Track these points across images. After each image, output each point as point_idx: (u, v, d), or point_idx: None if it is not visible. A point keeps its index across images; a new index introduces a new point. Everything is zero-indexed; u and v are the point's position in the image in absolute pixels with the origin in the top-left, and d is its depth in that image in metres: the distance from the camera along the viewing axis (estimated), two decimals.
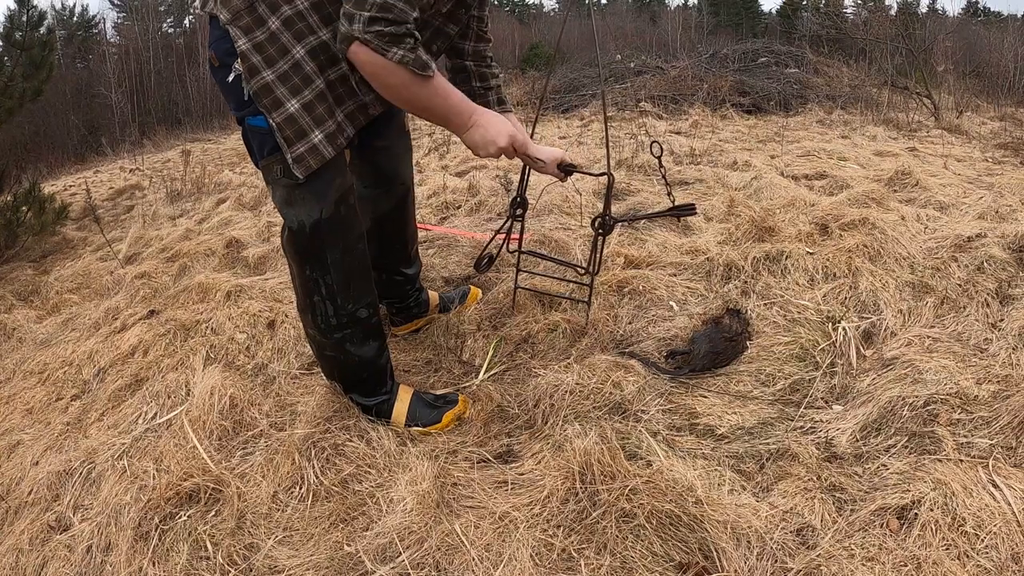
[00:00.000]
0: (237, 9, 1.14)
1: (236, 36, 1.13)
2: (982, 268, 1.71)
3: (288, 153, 1.16)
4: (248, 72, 1.14)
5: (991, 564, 0.94)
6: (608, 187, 1.53)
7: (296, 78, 1.16)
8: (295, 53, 1.16)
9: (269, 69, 1.14)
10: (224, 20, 1.14)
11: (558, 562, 1.02)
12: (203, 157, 7.55)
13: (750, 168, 3.33)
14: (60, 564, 1.20)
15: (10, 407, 1.86)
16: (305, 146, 1.17)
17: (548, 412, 1.37)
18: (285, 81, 1.15)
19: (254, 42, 1.14)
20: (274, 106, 1.15)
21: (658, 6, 30.51)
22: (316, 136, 1.17)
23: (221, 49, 1.18)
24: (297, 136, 1.16)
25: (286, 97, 1.15)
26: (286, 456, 1.28)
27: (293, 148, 1.16)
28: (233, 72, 1.16)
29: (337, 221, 1.25)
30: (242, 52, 1.13)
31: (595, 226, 1.58)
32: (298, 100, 1.15)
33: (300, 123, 1.16)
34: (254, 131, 1.21)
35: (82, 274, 3.07)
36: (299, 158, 1.17)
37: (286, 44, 1.15)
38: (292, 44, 1.15)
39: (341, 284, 1.29)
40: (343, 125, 1.22)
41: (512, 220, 1.71)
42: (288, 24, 1.15)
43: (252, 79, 1.14)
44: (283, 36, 1.15)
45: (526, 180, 1.68)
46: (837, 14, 11.55)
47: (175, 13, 24.12)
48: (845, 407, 1.33)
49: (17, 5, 3.91)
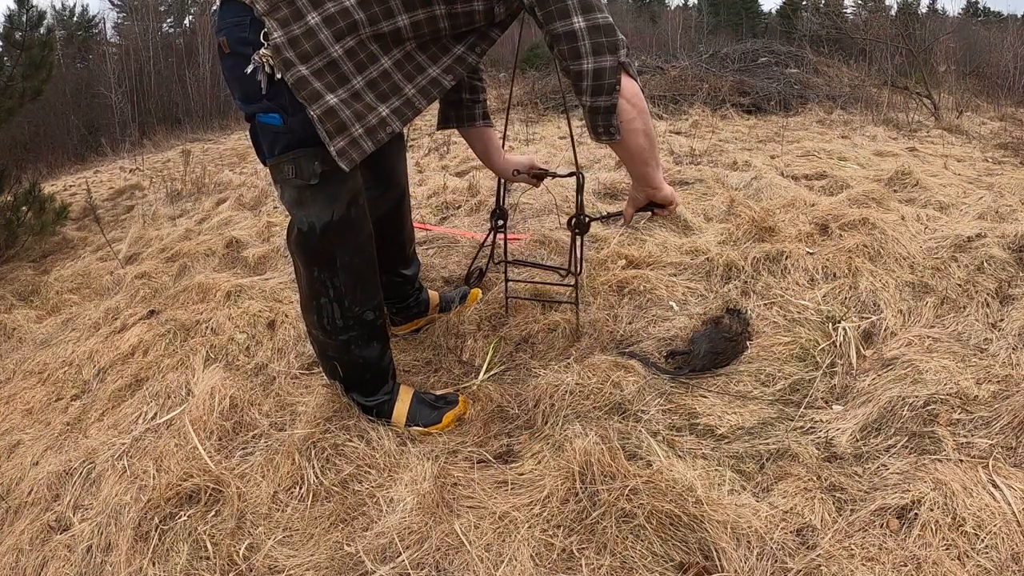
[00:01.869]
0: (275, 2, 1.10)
1: (272, 28, 1.09)
2: (982, 268, 1.71)
3: (331, 146, 1.13)
4: (283, 64, 1.10)
5: (991, 564, 0.94)
6: (578, 187, 1.53)
7: (331, 76, 1.13)
8: (332, 52, 1.13)
9: (304, 64, 1.11)
10: (260, 10, 1.09)
11: (558, 562, 1.02)
12: (203, 157, 7.55)
13: (750, 168, 3.33)
14: (60, 564, 1.20)
15: (10, 407, 1.86)
16: (346, 140, 1.14)
17: (548, 412, 1.37)
18: (320, 77, 1.12)
19: (290, 36, 1.10)
20: (313, 98, 1.11)
21: (658, 6, 30.50)
22: (357, 130, 1.15)
23: (235, 36, 1.13)
24: (338, 129, 1.13)
25: (324, 91, 1.12)
26: (286, 456, 1.28)
27: (335, 141, 1.13)
28: (252, 64, 1.12)
29: (348, 223, 1.24)
30: (275, 45, 1.09)
31: (571, 226, 1.58)
32: (334, 95, 1.13)
33: (340, 116, 1.13)
34: (265, 128, 1.18)
35: (82, 274, 3.08)
36: (342, 151, 1.14)
37: (323, 42, 1.12)
38: (330, 43, 1.12)
39: (349, 286, 1.28)
40: (387, 120, 1.18)
41: (495, 231, 1.72)
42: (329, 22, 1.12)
43: (288, 71, 1.10)
44: (320, 33, 1.11)
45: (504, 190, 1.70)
46: (837, 14, 11.55)
47: (175, 13, 24.12)
48: (845, 407, 1.33)
49: (17, 5, 3.91)
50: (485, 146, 1.59)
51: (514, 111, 7.54)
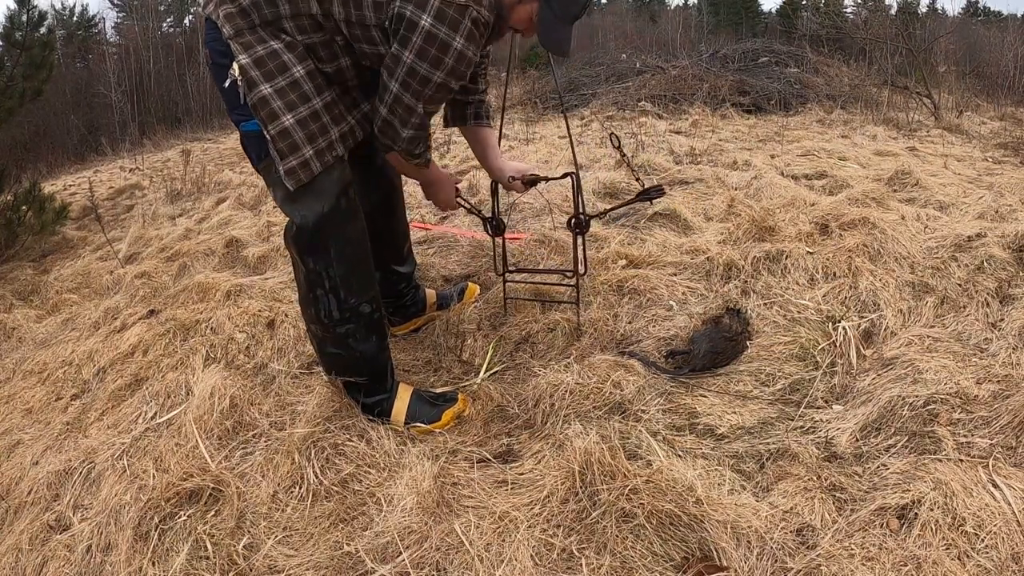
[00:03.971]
0: (240, 28, 1.18)
1: (237, 51, 1.18)
2: (982, 268, 1.71)
3: (280, 165, 1.21)
4: (247, 85, 1.18)
5: (991, 564, 0.94)
6: (574, 187, 1.54)
7: (293, 95, 1.20)
8: (295, 72, 1.21)
9: (267, 83, 1.18)
10: (227, 34, 1.18)
11: (558, 562, 1.02)
12: (203, 156, 7.54)
13: (750, 168, 3.33)
14: (60, 564, 1.20)
15: (10, 407, 1.86)
16: (297, 160, 1.21)
17: (548, 412, 1.37)
18: (283, 95, 1.19)
19: (254, 57, 1.18)
20: (270, 119, 1.19)
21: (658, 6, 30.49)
22: (307, 151, 1.22)
23: (215, 50, 1.22)
24: (290, 149, 1.20)
25: (282, 111, 1.19)
26: (286, 456, 1.28)
27: (285, 161, 1.21)
28: (229, 78, 1.19)
29: (340, 213, 1.28)
30: (242, 66, 1.17)
31: (570, 226, 1.59)
32: (293, 115, 1.20)
33: (293, 137, 1.20)
34: (250, 136, 1.25)
35: (82, 274, 3.07)
36: (290, 171, 1.21)
37: (286, 63, 1.20)
38: (293, 64, 1.20)
39: (344, 277, 1.31)
40: (335, 144, 1.27)
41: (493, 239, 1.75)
42: (290, 47, 1.21)
43: (251, 91, 1.18)
44: (284, 55, 1.20)
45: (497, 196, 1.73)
46: (837, 14, 11.54)
47: (175, 13, 24.11)
48: (845, 407, 1.33)
49: (17, 5, 3.91)
50: (481, 147, 1.61)
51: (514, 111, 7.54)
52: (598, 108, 7.23)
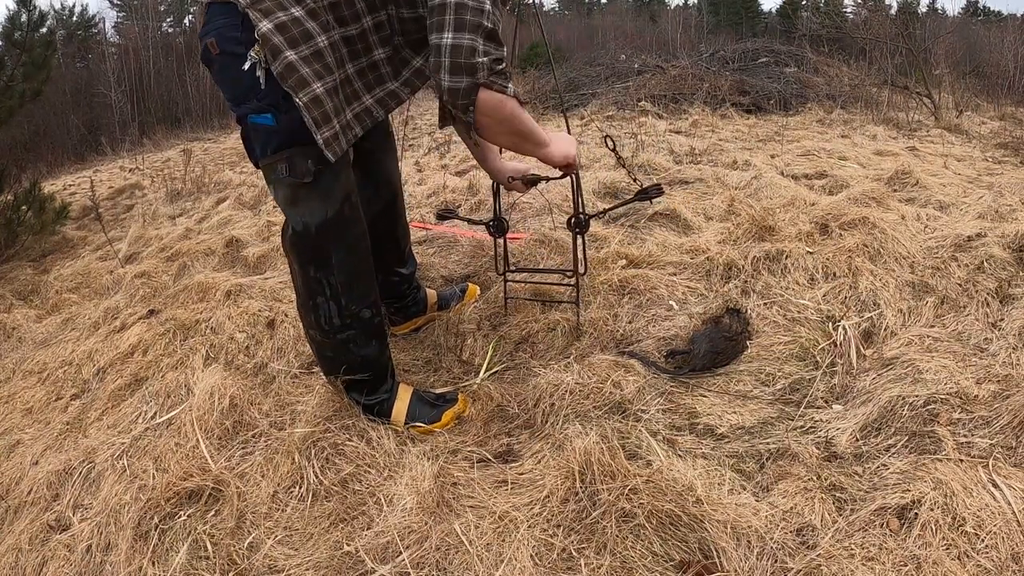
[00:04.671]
0: None
1: (256, 19, 1.09)
2: (982, 268, 1.71)
3: (318, 134, 1.13)
4: (271, 53, 1.10)
5: (991, 564, 0.94)
6: (574, 187, 1.54)
7: (318, 64, 1.14)
8: (319, 42, 1.14)
9: (292, 50, 1.11)
10: (243, 3, 1.10)
11: (558, 562, 1.02)
12: (203, 156, 7.54)
13: (750, 167, 3.33)
14: (60, 564, 1.20)
15: (10, 407, 1.86)
16: (330, 130, 1.15)
17: (548, 412, 1.37)
18: (308, 64, 1.13)
19: (276, 23, 1.10)
20: (300, 85, 1.11)
21: (658, 6, 30.50)
22: (336, 124, 1.16)
23: (226, 36, 1.13)
24: (323, 119, 1.14)
25: (311, 78, 1.12)
26: (286, 456, 1.28)
27: (322, 130, 1.14)
28: (249, 60, 1.11)
29: (342, 220, 1.24)
30: (263, 34, 1.09)
31: (570, 226, 1.59)
32: (322, 84, 1.14)
33: (325, 106, 1.14)
34: (257, 129, 1.18)
35: (82, 273, 3.08)
36: (327, 141, 1.15)
37: (310, 30, 1.14)
38: (317, 33, 1.14)
39: (345, 284, 1.28)
40: (351, 124, 1.22)
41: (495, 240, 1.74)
42: (312, 15, 1.14)
43: (275, 59, 1.10)
44: (307, 23, 1.13)
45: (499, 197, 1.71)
46: (837, 13, 11.54)
47: (175, 13, 24.11)
48: (845, 407, 1.33)
49: (17, 5, 3.91)
50: (481, 147, 1.59)
51: None
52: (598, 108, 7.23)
